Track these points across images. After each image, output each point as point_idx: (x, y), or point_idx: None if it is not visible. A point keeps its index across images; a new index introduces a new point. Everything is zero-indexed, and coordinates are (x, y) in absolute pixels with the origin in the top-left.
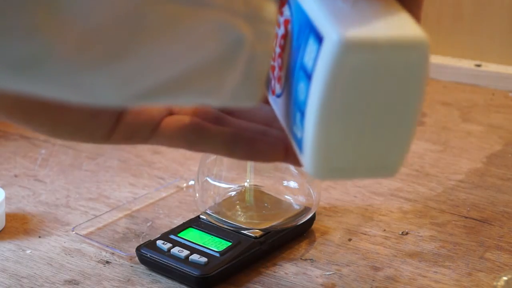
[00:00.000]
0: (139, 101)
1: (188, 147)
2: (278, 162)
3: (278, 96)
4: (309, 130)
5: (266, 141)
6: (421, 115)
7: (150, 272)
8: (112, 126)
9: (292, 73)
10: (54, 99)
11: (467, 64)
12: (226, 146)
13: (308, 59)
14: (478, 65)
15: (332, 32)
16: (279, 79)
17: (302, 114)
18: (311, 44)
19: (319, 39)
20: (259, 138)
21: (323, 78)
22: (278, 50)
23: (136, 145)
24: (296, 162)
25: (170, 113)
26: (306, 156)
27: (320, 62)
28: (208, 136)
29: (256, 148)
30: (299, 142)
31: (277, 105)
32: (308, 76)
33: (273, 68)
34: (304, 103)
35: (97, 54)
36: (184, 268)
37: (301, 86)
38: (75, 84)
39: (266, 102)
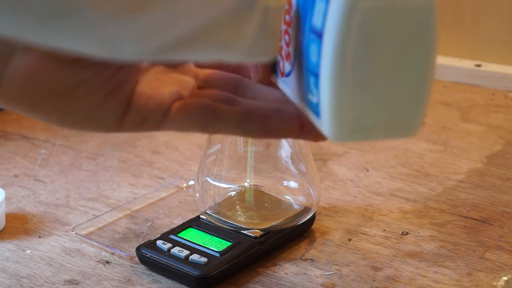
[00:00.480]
0: (160, 55)
1: (201, 129)
2: (294, 138)
3: (288, 75)
4: (325, 88)
5: (280, 117)
6: None
7: (150, 272)
8: (123, 112)
9: (302, 43)
10: (78, 53)
11: (467, 64)
12: (239, 125)
13: (317, 19)
14: (478, 65)
15: None
16: (287, 56)
17: (316, 76)
18: (319, 3)
19: None
20: (272, 114)
21: (334, 30)
22: (284, 27)
23: (146, 133)
24: (313, 137)
25: (180, 97)
26: (324, 118)
27: (330, 15)
28: (221, 116)
29: (270, 124)
30: (316, 108)
31: (287, 85)
32: (319, 35)
33: (280, 48)
34: (317, 64)
35: (121, 5)
36: (184, 268)
37: (313, 48)
38: (100, 36)
39: (276, 87)
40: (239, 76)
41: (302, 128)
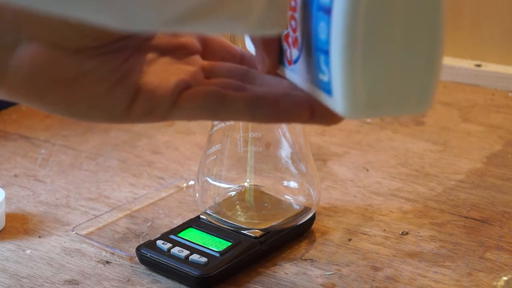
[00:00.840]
0: (172, 26)
1: (209, 116)
2: (304, 122)
3: (296, 61)
4: (336, 63)
5: (290, 100)
6: (421, 115)
7: (150, 272)
8: (130, 102)
9: (310, 24)
10: (92, 22)
11: (467, 64)
12: (248, 110)
13: None
14: (478, 65)
15: None
16: (294, 42)
17: (327, 53)
18: None
19: None
20: (281, 98)
21: (343, 1)
22: (289, 13)
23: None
24: (325, 120)
25: (188, 86)
26: (337, 95)
27: None
28: (230, 102)
29: (279, 107)
30: (327, 86)
31: (296, 73)
32: (327, 11)
33: (286, 36)
34: (327, 40)
35: None
36: (184, 268)
37: (322, 26)
38: (114, 6)
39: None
40: (246, 67)
41: (313, 112)
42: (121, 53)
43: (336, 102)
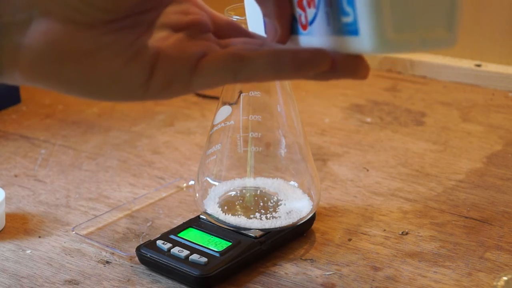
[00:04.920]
0: None
1: (232, 76)
2: (327, 76)
3: (312, 21)
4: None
5: (310, 50)
6: (421, 115)
7: (150, 272)
8: (148, 76)
9: None
10: None
11: (467, 64)
12: (271, 65)
13: None
14: (478, 65)
15: None
16: (310, 1)
17: None
18: None
19: None
20: (301, 50)
21: None
22: None
23: (175, 98)
24: (347, 72)
25: (205, 55)
26: (364, 32)
27: None
28: (251, 60)
29: (301, 57)
30: (353, 26)
31: (312, 35)
32: None
33: (300, 1)
34: None
35: None
36: (184, 268)
37: None
38: None
39: None
40: (260, 40)
41: (334, 62)
42: (134, 29)
43: (364, 39)
